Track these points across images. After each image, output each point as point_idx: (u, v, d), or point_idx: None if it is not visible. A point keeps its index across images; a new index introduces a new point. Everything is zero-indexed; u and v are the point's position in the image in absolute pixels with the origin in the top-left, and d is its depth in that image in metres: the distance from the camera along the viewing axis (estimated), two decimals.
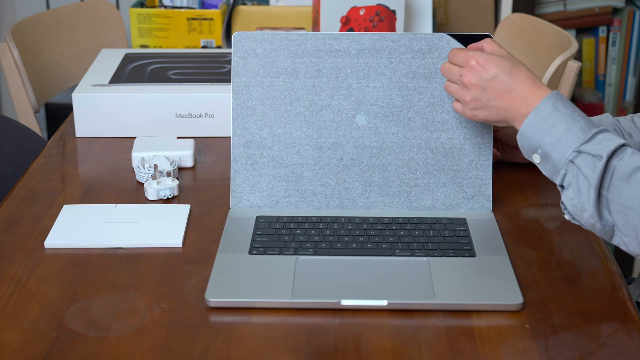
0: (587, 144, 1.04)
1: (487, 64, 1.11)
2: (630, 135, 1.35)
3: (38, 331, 1.02)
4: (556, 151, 1.06)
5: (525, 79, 1.10)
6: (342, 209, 1.26)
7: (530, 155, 1.10)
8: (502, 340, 1.01)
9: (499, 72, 1.11)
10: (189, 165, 1.45)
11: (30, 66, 1.88)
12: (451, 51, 1.17)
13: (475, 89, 1.12)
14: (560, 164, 1.06)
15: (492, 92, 1.11)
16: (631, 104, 2.76)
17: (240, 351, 0.98)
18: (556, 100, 1.08)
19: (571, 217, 1.08)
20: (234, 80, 1.27)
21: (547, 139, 1.07)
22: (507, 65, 1.11)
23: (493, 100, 1.11)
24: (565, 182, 1.06)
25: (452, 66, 1.16)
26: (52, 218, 1.27)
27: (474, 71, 1.12)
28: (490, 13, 2.58)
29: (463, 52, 1.15)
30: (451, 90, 1.17)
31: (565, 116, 1.06)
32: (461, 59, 1.14)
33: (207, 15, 2.06)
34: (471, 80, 1.12)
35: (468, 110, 1.15)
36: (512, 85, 1.10)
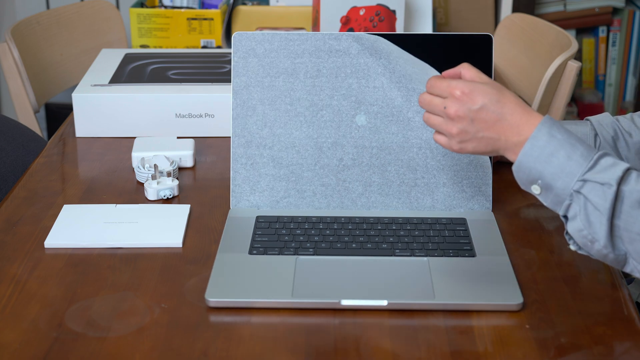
0: (591, 172, 0.99)
1: (473, 93, 1.04)
2: (629, 134, 1.35)
3: (38, 331, 1.02)
4: (559, 181, 1.00)
5: (514, 106, 1.04)
6: (342, 209, 1.26)
7: (529, 187, 1.04)
8: (502, 340, 1.01)
9: (486, 101, 1.03)
10: (189, 165, 1.45)
11: (30, 66, 1.88)
12: (429, 81, 1.08)
13: (462, 120, 1.04)
14: (565, 195, 1.00)
15: (481, 122, 1.04)
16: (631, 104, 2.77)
17: (240, 351, 0.98)
18: (551, 127, 1.02)
19: (577, 247, 1.03)
20: (234, 80, 1.27)
21: (548, 169, 1.01)
22: (495, 94, 1.04)
23: (482, 131, 1.04)
24: (570, 213, 1.01)
25: (434, 97, 1.07)
26: (52, 218, 1.27)
27: (460, 102, 1.04)
28: (490, 13, 2.58)
29: (444, 82, 1.06)
30: (434, 123, 1.08)
31: (564, 143, 1.01)
32: (443, 90, 1.06)
33: (207, 15, 2.06)
34: (458, 112, 1.04)
35: (455, 143, 1.06)
36: (502, 113, 1.03)
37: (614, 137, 1.35)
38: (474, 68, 1.08)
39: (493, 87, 1.05)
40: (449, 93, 1.05)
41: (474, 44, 1.27)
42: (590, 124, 1.37)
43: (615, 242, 0.99)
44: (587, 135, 1.36)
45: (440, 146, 1.26)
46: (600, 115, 1.38)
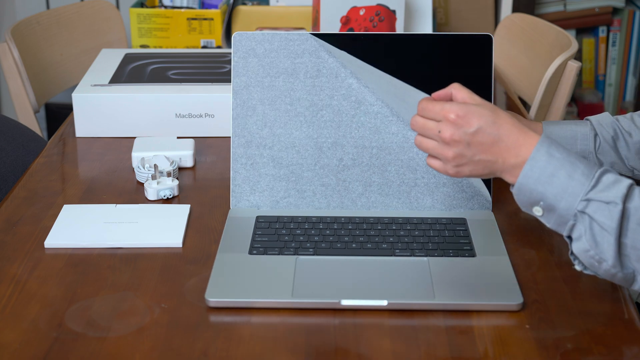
0: (594, 191, 0.97)
1: (468, 116, 1.01)
2: (629, 134, 1.35)
3: (38, 331, 1.02)
4: (562, 202, 0.98)
5: (511, 126, 1.01)
6: (342, 209, 1.26)
7: (530, 209, 1.02)
8: (502, 340, 1.01)
9: (482, 123, 1.00)
10: (189, 165, 1.45)
11: (30, 66, 1.88)
12: (421, 104, 1.04)
13: (458, 144, 1.01)
14: (569, 215, 0.98)
15: (477, 146, 1.01)
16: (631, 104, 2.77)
17: (240, 351, 0.98)
18: (549, 146, 1.00)
19: (583, 267, 1.02)
20: (234, 80, 1.27)
21: (549, 190, 0.99)
22: (490, 115, 1.01)
23: (479, 155, 1.01)
24: (574, 234, 0.99)
25: (427, 121, 1.04)
26: (52, 218, 1.27)
27: (456, 125, 1.01)
28: (490, 13, 2.58)
29: (438, 105, 1.03)
30: (427, 147, 1.04)
31: (564, 162, 0.99)
32: (436, 113, 1.02)
33: (207, 15, 2.06)
34: (453, 135, 1.01)
35: (450, 167, 1.03)
36: (499, 135, 1.01)
37: (613, 137, 1.35)
38: (465, 88, 1.05)
39: (487, 108, 1.02)
40: (443, 116, 1.02)
41: (474, 44, 1.27)
42: (590, 124, 1.37)
43: (623, 260, 0.98)
44: (587, 135, 1.36)
45: None
46: (600, 115, 1.38)
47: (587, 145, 1.36)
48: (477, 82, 1.27)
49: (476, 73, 1.27)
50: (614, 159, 1.36)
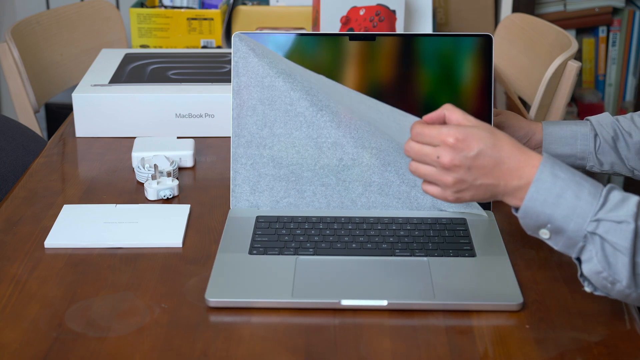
0: (603, 210, 0.95)
1: (468, 139, 0.97)
2: (629, 134, 1.35)
3: (38, 331, 1.02)
4: (571, 223, 0.95)
5: (511, 148, 0.98)
6: (342, 209, 1.26)
7: (536, 232, 0.99)
8: (502, 340, 1.01)
9: (482, 146, 0.97)
10: (189, 165, 1.45)
11: (30, 66, 1.88)
12: (415, 128, 1.00)
13: (458, 169, 0.98)
14: (578, 237, 0.96)
15: (478, 169, 0.98)
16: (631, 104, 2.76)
17: (240, 351, 0.98)
18: (552, 166, 0.97)
19: (593, 289, 1.00)
20: (234, 80, 1.27)
21: (557, 212, 0.96)
22: (490, 137, 0.98)
23: (480, 179, 0.98)
24: (584, 256, 0.97)
25: (423, 146, 1.00)
26: (52, 218, 1.27)
27: (455, 150, 0.97)
28: (490, 13, 2.58)
29: (434, 130, 0.99)
30: (424, 173, 1.01)
31: (569, 182, 0.96)
32: (433, 137, 0.98)
33: (207, 15, 2.06)
34: (453, 160, 0.97)
35: (450, 194, 1.00)
36: (500, 158, 0.97)
37: (614, 137, 1.35)
38: (458, 109, 1.01)
39: (486, 130, 0.99)
40: (441, 141, 0.98)
41: (474, 44, 1.27)
42: (590, 124, 1.37)
43: (637, 280, 0.95)
44: (587, 136, 1.36)
45: None
46: (600, 115, 1.37)
47: (587, 145, 1.36)
48: (477, 82, 1.27)
49: (476, 73, 1.27)
50: (614, 159, 1.36)
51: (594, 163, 1.36)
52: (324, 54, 1.27)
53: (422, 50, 1.27)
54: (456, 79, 1.27)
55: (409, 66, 1.27)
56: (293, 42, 1.27)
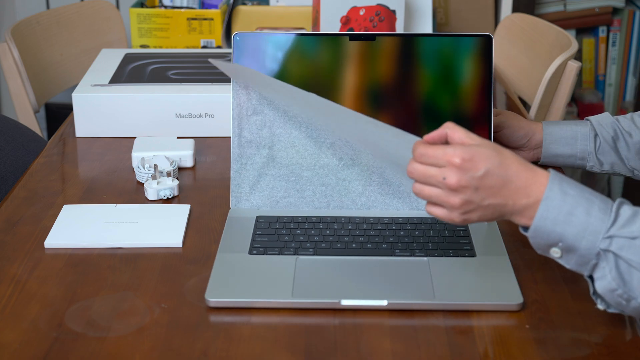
0: (615, 226, 0.93)
1: (474, 159, 0.94)
2: (630, 134, 1.35)
3: (38, 331, 1.02)
4: (583, 241, 0.94)
5: (518, 165, 0.96)
6: (342, 209, 1.26)
7: (547, 251, 0.97)
8: (502, 340, 1.00)
9: (489, 165, 0.94)
10: (189, 165, 1.45)
11: (30, 66, 1.88)
12: (418, 149, 0.97)
13: (466, 190, 0.95)
14: (591, 255, 0.94)
15: (486, 189, 0.95)
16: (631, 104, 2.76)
17: (240, 351, 0.98)
18: (561, 183, 0.95)
19: (606, 306, 0.98)
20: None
21: (569, 230, 0.94)
22: (496, 156, 0.95)
23: (488, 199, 0.95)
24: (597, 273, 0.95)
25: (428, 168, 0.96)
26: (52, 218, 1.27)
27: (462, 170, 0.94)
28: (490, 13, 2.58)
29: (439, 150, 0.96)
30: (429, 195, 0.98)
31: (579, 199, 0.94)
32: (438, 158, 0.96)
33: (207, 15, 2.06)
34: (460, 181, 0.94)
35: (457, 215, 0.97)
36: (508, 176, 0.95)
37: (614, 137, 1.35)
38: (459, 127, 0.98)
39: (491, 148, 0.96)
40: (447, 161, 0.95)
41: (474, 44, 1.27)
42: (590, 124, 1.37)
43: None
44: (587, 136, 1.36)
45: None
46: (600, 115, 1.38)
47: (587, 145, 1.36)
48: (477, 82, 1.27)
49: (476, 73, 1.27)
50: (614, 159, 1.36)
51: (594, 163, 1.36)
52: (324, 54, 1.27)
53: (422, 50, 1.27)
54: (456, 79, 1.27)
55: (409, 66, 1.27)
56: (293, 42, 1.27)
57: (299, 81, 1.27)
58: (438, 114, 1.27)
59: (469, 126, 1.26)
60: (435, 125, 1.26)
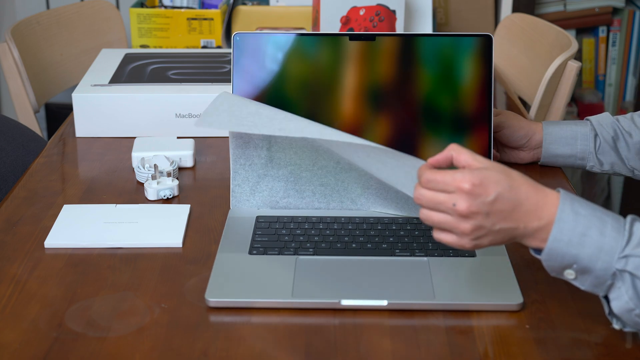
0: (630, 245, 0.92)
1: (484, 183, 0.92)
2: (630, 134, 1.35)
3: (38, 331, 1.02)
4: (598, 262, 0.92)
5: (528, 187, 0.94)
6: (341, 210, 1.26)
7: (561, 273, 0.96)
8: (502, 340, 1.01)
9: (500, 189, 0.92)
10: (189, 165, 1.45)
11: (30, 66, 1.88)
12: (425, 175, 0.95)
13: (477, 216, 0.93)
14: (606, 276, 0.93)
15: (497, 214, 0.93)
16: (631, 104, 2.76)
17: (240, 351, 0.98)
18: (572, 203, 0.93)
19: (623, 325, 0.97)
20: (234, 80, 1.27)
21: (583, 252, 0.92)
22: (505, 179, 0.93)
23: (499, 223, 0.93)
24: (612, 294, 0.94)
25: (436, 194, 0.94)
26: (52, 218, 1.27)
27: (472, 196, 0.92)
28: (490, 13, 2.58)
29: (447, 175, 0.93)
30: (439, 221, 0.95)
31: (591, 218, 0.93)
32: (447, 184, 0.93)
33: (207, 15, 2.06)
34: (471, 207, 0.92)
35: (468, 241, 0.95)
36: (518, 200, 0.93)
37: (614, 137, 1.35)
38: (465, 149, 0.96)
39: (499, 171, 0.94)
40: (456, 187, 0.93)
41: (474, 44, 1.27)
42: (590, 124, 1.37)
43: None
44: (587, 136, 1.36)
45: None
46: (600, 115, 1.38)
47: (587, 145, 1.36)
48: (477, 82, 1.27)
49: (476, 73, 1.27)
50: (614, 159, 1.36)
51: (594, 163, 1.36)
52: (324, 54, 1.27)
53: (422, 50, 1.27)
54: (456, 79, 1.27)
55: (409, 66, 1.27)
56: (293, 42, 1.27)
57: (299, 81, 1.27)
58: (438, 114, 1.27)
59: (469, 126, 1.26)
60: (435, 125, 1.26)
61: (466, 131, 1.27)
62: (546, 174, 1.41)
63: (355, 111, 1.27)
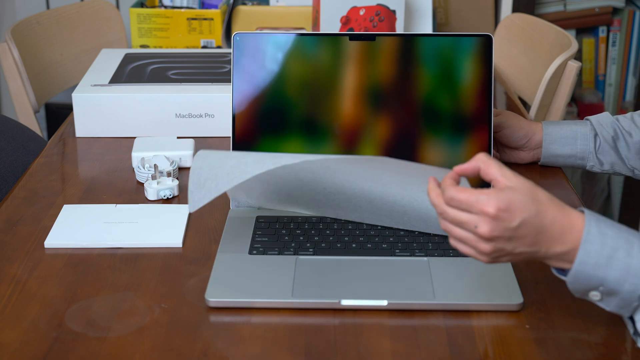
0: None
1: (510, 209, 0.90)
2: (630, 134, 1.35)
3: (38, 331, 1.02)
4: (625, 284, 0.91)
5: (554, 212, 0.92)
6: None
7: (586, 294, 0.95)
8: (502, 340, 1.00)
9: (525, 216, 0.91)
10: (189, 165, 1.45)
11: (30, 66, 1.88)
12: (448, 192, 0.93)
13: (499, 240, 0.92)
14: (634, 297, 0.91)
15: (519, 239, 0.92)
16: (631, 104, 2.76)
17: (240, 351, 0.98)
18: (598, 224, 0.92)
19: None
20: (234, 80, 1.27)
21: (610, 274, 0.91)
22: (532, 205, 0.91)
23: (520, 247, 0.93)
24: (638, 315, 0.93)
25: (459, 213, 0.93)
26: (52, 218, 1.27)
27: (497, 221, 0.90)
28: (490, 13, 2.58)
29: (472, 197, 0.91)
30: (459, 236, 0.94)
31: (618, 240, 0.91)
32: (471, 205, 0.91)
33: (207, 15, 2.06)
34: (493, 232, 0.91)
35: (485, 258, 0.94)
36: (543, 226, 0.91)
37: (614, 137, 1.35)
38: (494, 161, 0.93)
39: (528, 194, 0.91)
40: (480, 210, 0.91)
41: (474, 44, 1.27)
42: (590, 123, 1.37)
43: None
44: (587, 135, 1.36)
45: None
46: (600, 115, 1.38)
47: (587, 145, 1.36)
48: (477, 82, 1.27)
49: (476, 73, 1.27)
50: (614, 159, 1.36)
51: (594, 163, 1.36)
52: (324, 54, 1.27)
53: (422, 50, 1.27)
54: (456, 79, 1.27)
55: (409, 66, 1.27)
56: (293, 42, 1.27)
57: (299, 81, 1.27)
58: (438, 114, 1.27)
59: (469, 126, 1.26)
60: (435, 125, 1.26)
61: (466, 131, 1.27)
62: (546, 174, 1.41)
63: (355, 111, 1.27)
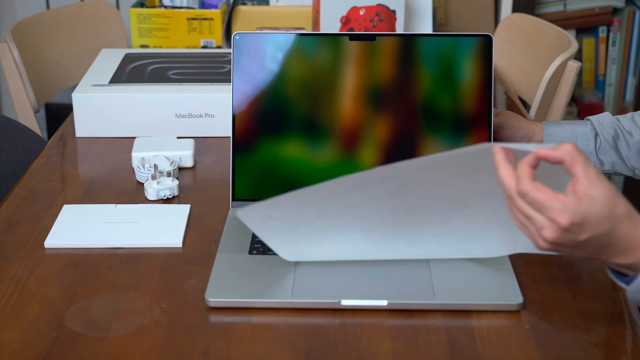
0: None
1: (583, 224, 0.87)
2: (630, 133, 1.35)
3: (38, 331, 1.02)
4: None
5: (626, 228, 0.89)
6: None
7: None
8: (502, 340, 1.00)
9: (596, 232, 0.88)
10: (189, 165, 1.45)
11: (30, 66, 1.88)
12: (524, 186, 0.89)
13: (561, 246, 0.91)
14: None
15: (582, 249, 0.91)
16: (631, 104, 2.77)
17: (240, 351, 0.98)
18: None
19: None
20: (234, 80, 1.27)
21: None
22: (606, 222, 0.88)
23: (581, 253, 0.92)
24: None
25: (530, 209, 0.89)
26: (52, 218, 1.27)
27: (565, 232, 0.88)
28: (490, 13, 2.58)
29: (548, 202, 0.87)
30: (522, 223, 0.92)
31: None
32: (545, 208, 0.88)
33: (207, 15, 2.06)
34: (558, 240, 0.89)
35: (539, 249, 0.93)
36: (610, 242, 0.90)
37: (614, 136, 1.35)
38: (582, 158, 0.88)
39: (605, 208, 0.88)
40: (552, 218, 0.88)
41: (474, 44, 1.27)
42: (590, 123, 1.37)
43: None
44: (588, 135, 1.36)
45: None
46: (600, 115, 1.38)
47: (588, 145, 1.36)
48: (477, 82, 1.27)
49: (476, 73, 1.27)
50: (615, 159, 1.36)
51: (595, 163, 1.36)
52: (324, 54, 1.27)
53: (422, 50, 1.27)
54: (456, 79, 1.27)
55: (409, 66, 1.27)
56: (293, 42, 1.27)
57: (299, 81, 1.27)
58: (438, 114, 1.27)
59: (469, 126, 1.26)
60: (435, 125, 1.26)
61: (466, 131, 1.27)
62: None
63: (355, 111, 1.27)
